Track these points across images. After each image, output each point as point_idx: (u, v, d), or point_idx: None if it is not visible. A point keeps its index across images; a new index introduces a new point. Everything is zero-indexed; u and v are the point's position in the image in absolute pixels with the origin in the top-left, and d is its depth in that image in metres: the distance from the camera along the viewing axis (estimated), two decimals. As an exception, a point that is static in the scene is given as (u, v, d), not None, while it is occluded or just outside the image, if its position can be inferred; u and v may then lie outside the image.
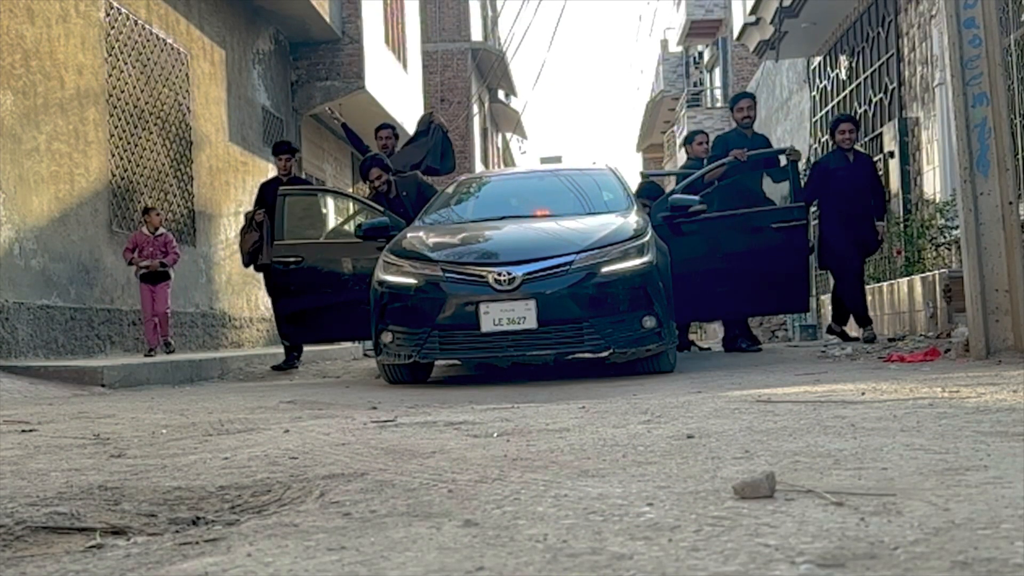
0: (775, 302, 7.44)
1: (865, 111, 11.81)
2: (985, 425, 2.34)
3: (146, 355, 8.13)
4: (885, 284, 9.34)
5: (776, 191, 7.38)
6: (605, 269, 5.43)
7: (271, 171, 8.49)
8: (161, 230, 8.58)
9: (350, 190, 14.69)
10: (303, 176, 14.48)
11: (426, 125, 9.17)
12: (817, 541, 1.28)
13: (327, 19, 13.69)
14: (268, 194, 8.09)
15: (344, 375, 7.62)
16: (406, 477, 1.98)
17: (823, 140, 13.35)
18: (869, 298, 8.19)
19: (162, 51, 10.27)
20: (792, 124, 16.03)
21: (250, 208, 8.57)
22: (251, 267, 8.59)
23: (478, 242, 5.92)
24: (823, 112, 13.66)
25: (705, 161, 8.19)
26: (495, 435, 2.67)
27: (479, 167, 25.35)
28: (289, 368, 7.99)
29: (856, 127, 7.99)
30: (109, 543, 1.54)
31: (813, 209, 7.88)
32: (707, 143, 8.81)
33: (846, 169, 7.64)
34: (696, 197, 7.04)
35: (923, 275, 8.18)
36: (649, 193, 8.49)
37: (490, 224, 6.25)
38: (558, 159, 33.25)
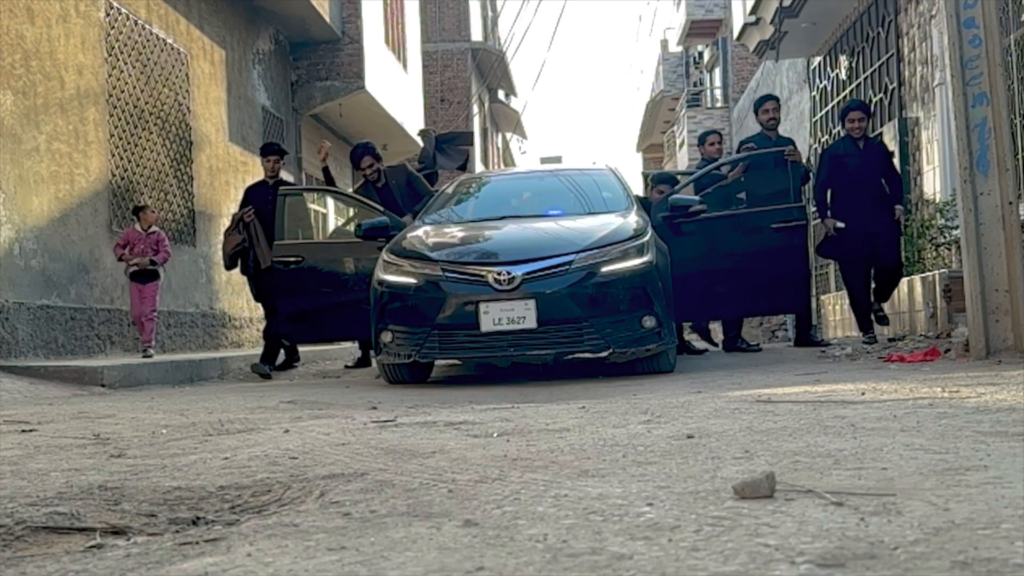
0: (775, 302, 7.42)
1: (865, 111, 11.79)
2: (985, 425, 2.34)
3: (142, 355, 8.12)
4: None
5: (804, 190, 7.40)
6: (605, 269, 5.43)
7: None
8: (154, 228, 8.54)
9: (349, 190, 14.69)
10: (303, 177, 14.51)
11: (432, 139, 9.66)
12: (817, 541, 1.28)
13: (327, 19, 13.70)
14: (254, 197, 7.98)
15: (344, 375, 7.62)
16: (406, 477, 1.98)
17: (823, 140, 13.36)
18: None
19: (162, 51, 10.27)
20: (792, 124, 16.03)
21: (239, 211, 8.36)
22: (232, 271, 8.33)
23: (478, 242, 5.92)
24: (823, 112, 13.66)
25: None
26: (495, 435, 2.67)
27: (479, 167, 25.36)
28: (263, 374, 7.49)
29: (867, 115, 7.76)
30: (109, 543, 1.54)
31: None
32: (719, 143, 8.81)
33: (856, 156, 7.49)
34: (696, 197, 7.05)
35: (923, 275, 8.17)
36: (665, 180, 8.51)
37: (490, 224, 6.25)
38: (558, 159, 33.28)
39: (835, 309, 11.88)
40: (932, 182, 9.89)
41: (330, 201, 13.83)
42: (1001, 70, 5.06)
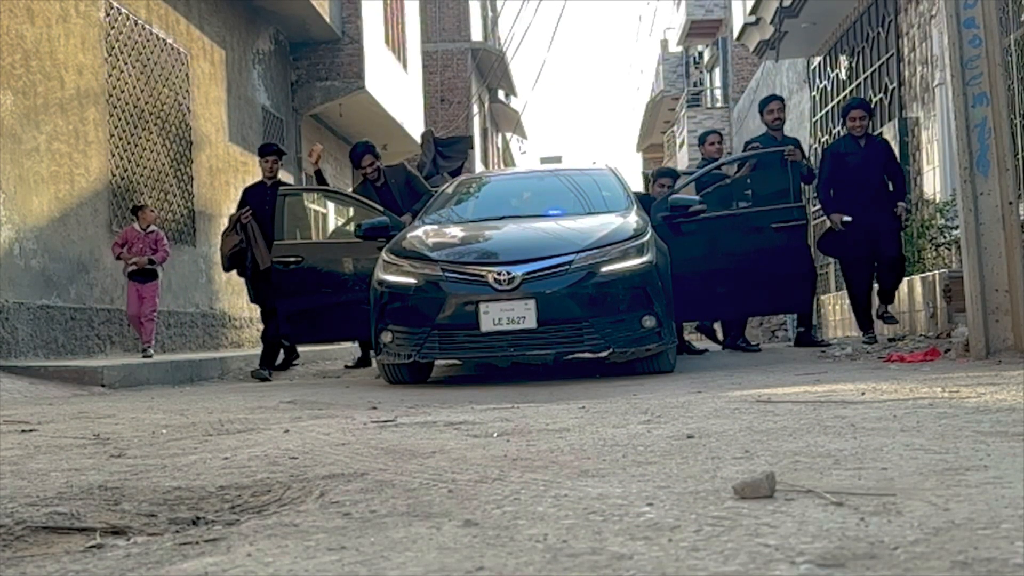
0: (776, 302, 7.41)
1: (865, 111, 11.78)
2: (985, 425, 2.34)
3: (142, 355, 8.11)
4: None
5: (806, 190, 7.38)
6: (605, 269, 5.43)
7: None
8: (153, 227, 8.54)
9: (349, 190, 14.71)
10: (302, 178, 14.51)
11: (431, 142, 9.68)
12: (817, 541, 1.28)
13: (327, 19, 13.70)
14: (252, 198, 7.92)
15: (344, 375, 7.62)
16: (406, 477, 1.98)
17: (823, 140, 13.36)
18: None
19: (162, 51, 10.27)
20: (792, 124, 16.02)
21: (236, 212, 8.27)
22: (232, 271, 8.25)
23: (478, 242, 5.92)
24: (823, 112, 13.67)
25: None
26: (495, 435, 2.67)
27: (479, 167, 25.36)
28: (263, 379, 7.35)
29: (868, 113, 7.69)
30: (109, 543, 1.54)
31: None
32: (719, 143, 8.82)
33: (857, 154, 7.45)
34: (696, 197, 7.05)
35: (923, 275, 8.17)
36: (666, 174, 8.55)
37: (490, 224, 6.25)
38: (558, 159, 33.27)
39: (835, 309, 11.88)
40: (932, 182, 9.89)
41: (330, 201, 13.84)
42: (1001, 70, 5.06)
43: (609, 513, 1.53)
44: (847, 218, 7.36)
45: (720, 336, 9.03)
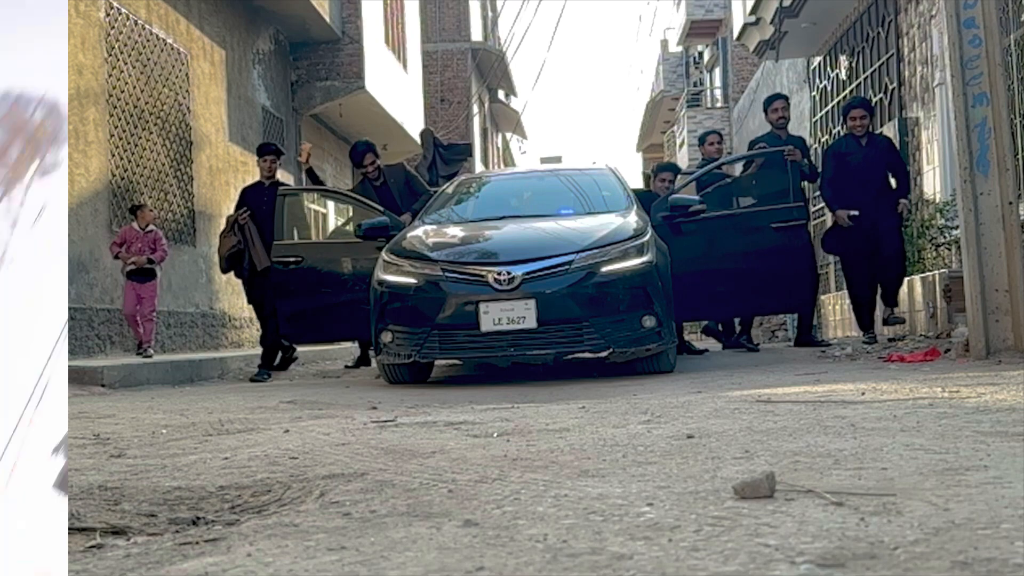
0: (777, 301, 7.40)
1: (865, 111, 11.77)
2: (985, 425, 2.34)
3: (137, 353, 8.09)
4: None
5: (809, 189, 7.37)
6: (605, 269, 5.43)
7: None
8: (151, 227, 8.53)
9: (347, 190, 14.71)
10: (302, 178, 14.51)
11: (431, 141, 9.66)
12: (817, 541, 1.28)
13: (327, 19, 13.70)
14: (250, 198, 7.85)
15: (344, 375, 7.62)
16: (406, 477, 1.98)
17: (823, 140, 13.36)
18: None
19: (162, 51, 10.27)
20: (792, 124, 16.01)
21: (234, 213, 8.20)
22: (229, 273, 8.17)
23: (478, 242, 5.92)
24: (823, 112, 13.67)
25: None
26: (495, 435, 2.67)
27: (479, 167, 25.36)
28: (260, 380, 7.21)
29: (869, 113, 7.61)
30: (109, 543, 1.54)
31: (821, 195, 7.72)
32: (719, 143, 8.81)
33: (858, 154, 7.41)
34: (696, 197, 7.05)
35: (923, 275, 8.17)
36: (667, 169, 8.56)
37: (490, 224, 6.25)
38: (558, 159, 33.27)
39: (835, 309, 11.88)
40: (932, 182, 9.89)
41: (329, 201, 13.83)
42: (1001, 70, 5.06)
43: (609, 513, 1.53)
44: (854, 212, 7.31)
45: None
